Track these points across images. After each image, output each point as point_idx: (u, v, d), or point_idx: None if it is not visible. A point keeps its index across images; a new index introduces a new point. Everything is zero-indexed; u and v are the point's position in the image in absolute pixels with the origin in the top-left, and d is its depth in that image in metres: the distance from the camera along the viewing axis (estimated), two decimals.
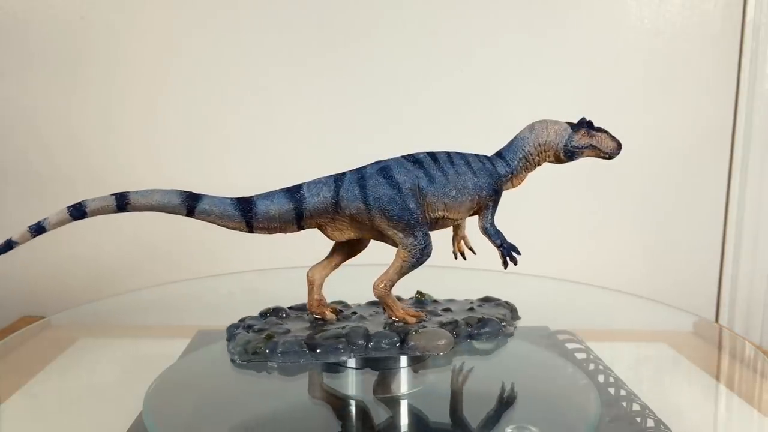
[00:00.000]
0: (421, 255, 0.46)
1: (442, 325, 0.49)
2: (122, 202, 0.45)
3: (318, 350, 0.45)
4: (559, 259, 0.95)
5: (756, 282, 0.94)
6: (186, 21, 0.91)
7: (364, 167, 0.47)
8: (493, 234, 0.49)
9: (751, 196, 0.92)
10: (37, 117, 0.93)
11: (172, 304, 0.75)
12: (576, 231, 0.95)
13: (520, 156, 0.50)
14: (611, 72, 0.92)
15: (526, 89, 0.93)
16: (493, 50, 0.92)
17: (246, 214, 0.45)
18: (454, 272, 0.79)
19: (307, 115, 0.93)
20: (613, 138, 0.52)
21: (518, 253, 0.49)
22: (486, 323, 0.51)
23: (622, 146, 0.52)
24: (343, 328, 0.47)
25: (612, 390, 0.49)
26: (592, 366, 0.54)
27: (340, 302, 0.55)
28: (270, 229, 0.46)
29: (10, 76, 0.92)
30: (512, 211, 0.95)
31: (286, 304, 0.55)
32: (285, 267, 0.83)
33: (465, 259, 0.53)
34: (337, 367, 0.47)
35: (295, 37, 0.91)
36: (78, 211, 0.45)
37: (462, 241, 0.53)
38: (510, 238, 0.49)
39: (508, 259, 0.48)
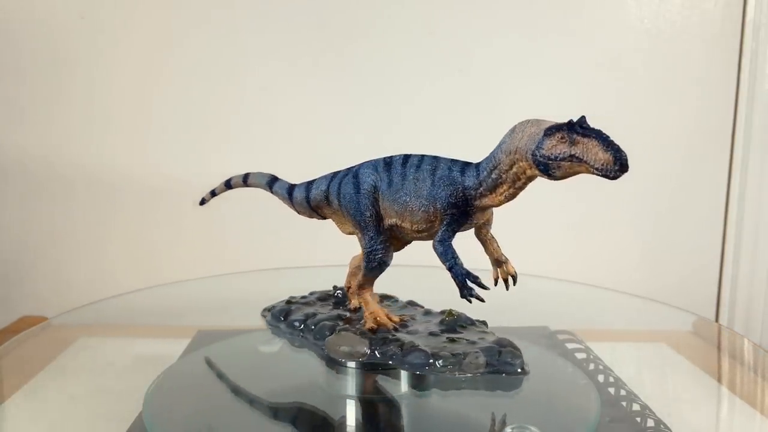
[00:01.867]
0: (368, 260, 0.44)
1: (382, 339, 0.45)
2: (245, 178, 0.53)
3: (285, 323, 0.52)
4: (559, 259, 0.95)
5: (756, 282, 0.94)
6: (184, 22, 0.91)
7: (358, 165, 0.47)
8: (440, 254, 0.41)
9: (751, 196, 0.92)
10: (36, 117, 0.93)
11: (172, 304, 0.75)
12: (576, 231, 0.95)
13: (491, 166, 0.40)
14: (611, 72, 0.92)
15: (525, 89, 0.93)
16: (492, 50, 0.92)
17: (290, 197, 0.50)
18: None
19: (305, 115, 0.93)
20: (607, 148, 0.36)
21: (481, 285, 0.40)
22: (412, 352, 0.43)
23: (624, 161, 0.35)
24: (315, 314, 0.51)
25: (612, 390, 0.49)
26: (592, 366, 0.54)
27: (386, 296, 0.55)
28: (304, 213, 0.50)
29: (8, 76, 0.92)
30: (512, 211, 0.96)
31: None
32: (287, 267, 0.83)
33: (506, 288, 0.44)
34: (337, 367, 0.47)
35: (294, 36, 0.91)
36: (243, 179, 0.54)
37: (504, 267, 0.44)
38: (510, 239, 0.48)
39: (465, 291, 0.41)
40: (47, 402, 0.52)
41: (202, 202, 0.57)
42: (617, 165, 0.35)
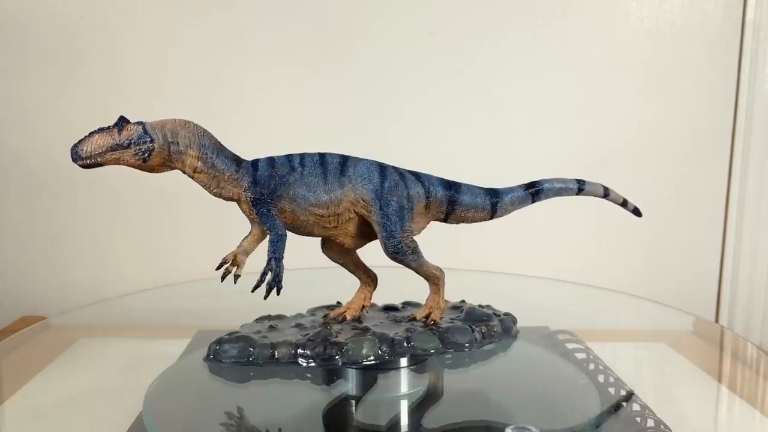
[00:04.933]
0: None
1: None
2: (534, 188, 0.54)
3: None
4: (560, 260, 0.95)
5: (756, 282, 0.94)
6: (184, 22, 0.91)
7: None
8: None
9: (751, 196, 0.92)
10: (36, 117, 0.93)
11: (172, 304, 0.75)
12: (576, 231, 0.95)
13: None
14: (611, 72, 0.92)
15: (525, 89, 0.93)
16: (492, 51, 0.92)
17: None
18: (461, 273, 0.79)
19: (305, 115, 0.93)
20: None
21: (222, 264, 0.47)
22: (307, 346, 0.47)
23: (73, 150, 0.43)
24: None
25: (612, 390, 0.49)
26: (592, 366, 0.54)
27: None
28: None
29: (9, 76, 0.92)
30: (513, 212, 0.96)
31: (289, 304, 0.55)
32: (286, 268, 0.83)
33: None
34: (334, 367, 0.47)
35: (294, 36, 0.91)
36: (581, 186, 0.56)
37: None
38: (510, 239, 0.48)
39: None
40: (47, 402, 0.52)
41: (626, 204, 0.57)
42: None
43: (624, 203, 0.57)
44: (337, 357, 0.45)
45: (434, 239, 0.53)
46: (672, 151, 0.94)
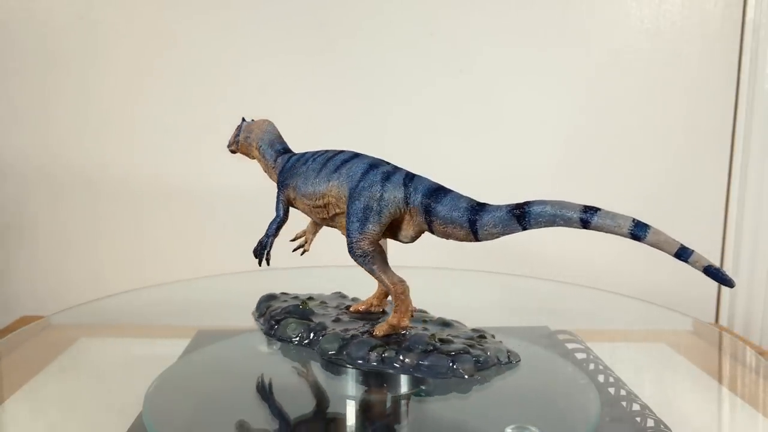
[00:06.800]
0: None
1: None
2: (520, 210, 0.44)
3: None
4: (559, 260, 0.95)
5: (756, 282, 0.94)
6: (182, 22, 0.91)
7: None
8: None
9: (751, 196, 0.92)
10: (35, 116, 0.93)
11: (172, 304, 0.74)
12: (575, 231, 0.95)
13: None
14: (611, 72, 0.92)
15: (525, 89, 0.93)
16: (492, 50, 0.92)
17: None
18: (461, 273, 0.79)
19: (303, 116, 0.93)
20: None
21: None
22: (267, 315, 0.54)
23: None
24: None
25: (612, 390, 0.49)
26: (592, 366, 0.54)
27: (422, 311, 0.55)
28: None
29: (8, 77, 0.92)
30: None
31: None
32: (287, 267, 0.83)
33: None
34: (337, 368, 0.47)
35: (293, 36, 0.91)
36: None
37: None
38: (510, 239, 0.48)
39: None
40: (47, 402, 0.52)
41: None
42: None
43: (682, 254, 0.41)
44: (272, 331, 0.52)
45: (433, 237, 0.53)
46: (672, 151, 0.94)
